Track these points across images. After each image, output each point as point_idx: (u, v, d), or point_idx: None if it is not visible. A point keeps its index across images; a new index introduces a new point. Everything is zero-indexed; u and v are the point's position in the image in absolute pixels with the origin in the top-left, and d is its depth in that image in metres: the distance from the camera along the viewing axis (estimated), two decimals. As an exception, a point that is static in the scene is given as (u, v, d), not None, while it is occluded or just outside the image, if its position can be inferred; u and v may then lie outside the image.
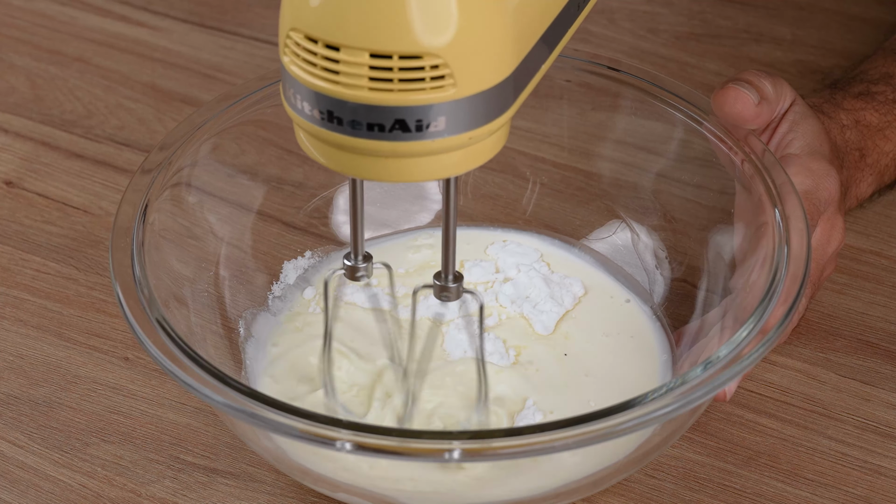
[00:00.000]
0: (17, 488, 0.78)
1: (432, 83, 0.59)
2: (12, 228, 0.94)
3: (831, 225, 0.82)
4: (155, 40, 1.11)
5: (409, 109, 0.60)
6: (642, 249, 0.86)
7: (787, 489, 0.77)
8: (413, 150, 0.61)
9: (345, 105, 0.60)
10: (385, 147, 0.61)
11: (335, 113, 0.60)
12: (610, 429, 0.65)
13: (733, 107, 0.80)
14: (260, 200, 0.87)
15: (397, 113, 0.60)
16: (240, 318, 0.82)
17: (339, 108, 0.60)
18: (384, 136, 0.60)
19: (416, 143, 0.61)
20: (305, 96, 0.61)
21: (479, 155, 0.63)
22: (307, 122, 0.62)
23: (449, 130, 0.61)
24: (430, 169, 0.62)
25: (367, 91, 0.59)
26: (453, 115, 0.60)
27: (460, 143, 0.61)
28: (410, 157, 0.61)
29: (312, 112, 0.61)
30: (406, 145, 0.61)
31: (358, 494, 0.73)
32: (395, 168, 0.62)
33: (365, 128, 0.60)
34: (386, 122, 0.60)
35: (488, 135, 0.63)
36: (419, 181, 0.64)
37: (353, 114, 0.60)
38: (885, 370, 0.84)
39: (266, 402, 0.66)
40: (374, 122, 0.60)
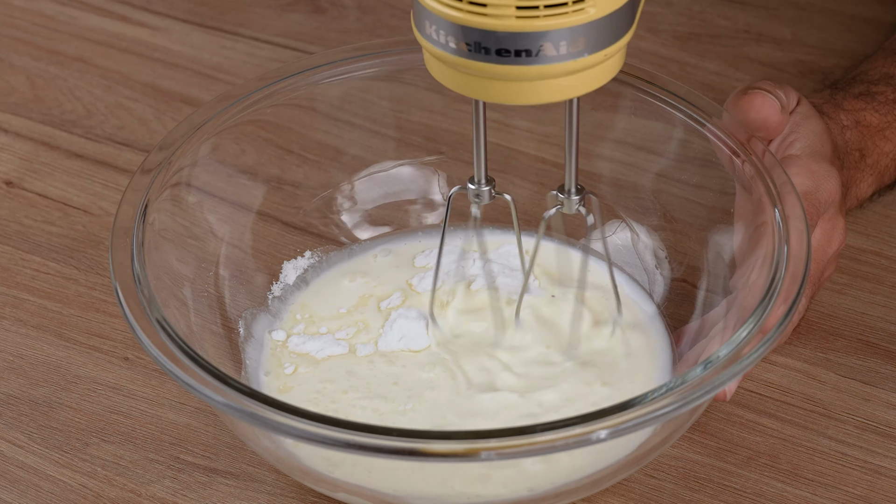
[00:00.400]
0: (17, 488, 0.78)
1: (574, 6, 0.64)
2: (12, 228, 0.94)
3: (832, 226, 0.82)
4: (155, 40, 1.11)
5: (554, 33, 0.65)
6: (642, 249, 0.86)
7: (787, 489, 0.77)
8: (556, 71, 0.66)
9: (492, 35, 0.65)
10: (531, 71, 0.66)
11: (483, 43, 0.65)
12: (610, 429, 0.65)
13: (760, 112, 0.80)
14: (260, 200, 0.87)
15: (544, 38, 0.65)
16: (240, 318, 0.82)
17: (487, 38, 0.65)
18: (531, 60, 0.65)
19: (561, 64, 0.66)
20: (450, 30, 0.65)
21: (609, 71, 0.68)
22: (452, 56, 0.66)
23: (589, 49, 0.66)
24: (571, 86, 0.67)
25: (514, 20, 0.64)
26: (592, 35, 0.66)
27: (597, 60, 0.67)
28: (552, 78, 0.66)
29: (458, 45, 0.65)
30: (551, 67, 0.66)
31: (358, 494, 0.73)
32: (537, 90, 0.67)
33: (513, 55, 0.65)
34: (533, 47, 0.65)
35: (616, 52, 0.68)
36: (562, 99, 0.68)
37: (499, 42, 0.65)
38: (885, 370, 0.84)
39: (266, 401, 0.66)
40: (522, 48, 0.65)
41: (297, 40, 1.11)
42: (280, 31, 1.11)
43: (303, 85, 0.85)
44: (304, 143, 0.89)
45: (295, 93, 0.85)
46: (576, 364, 0.80)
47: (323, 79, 0.85)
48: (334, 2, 1.15)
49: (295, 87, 0.85)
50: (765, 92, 0.81)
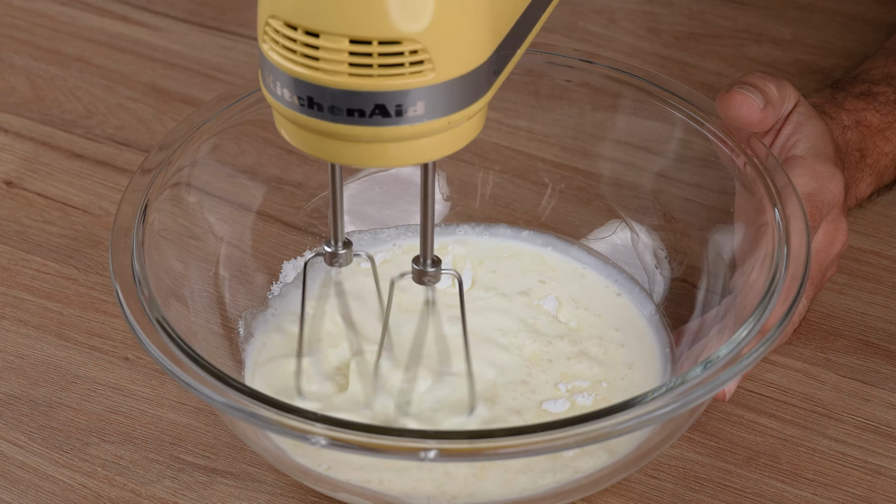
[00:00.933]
0: (17, 488, 0.78)
1: (412, 68, 0.60)
2: (12, 228, 0.94)
3: (835, 227, 0.82)
4: (155, 40, 1.11)
5: (389, 94, 0.61)
6: (642, 249, 0.86)
7: (787, 489, 0.77)
8: (393, 134, 0.62)
9: (325, 91, 0.61)
10: (366, 132, 0.62)
11: (315, 99, 0.61)
12: (609, 428, 0.65)
13: (738, 111, 0.80)
14: (260, 200, 0.87)
15: (378, 98, 0.61)
16: (239, 317, 0.82)
17: (320, 94, 0.61)
18: (365, 121, 0.61)
19: (397, 127, 0.61)
20: (285, 83, 0.62)
21: (458, 139, 0.64)
22: (287, 109, 0.62)
23: (428, 115, 0.62)
24: (410, 153, 0.63)
25: (348, 77, 0.60)
26: (433, 100, 0.61)
27: (440, 127, 0.62)
28: (391, 141, 0.62)
29: (292, 98, 0.62)
30: (386, 130, 0.62)
31: (358, 494, 0.73)
32: (375, 153, 0.63)
33: (345, 113, 0.61)
34: (366, 107, 0.61)
35: (467, 119, 0.63)
36: (398, 166, 0.66)
37: (333, 99, 0.61)
38: (885, 370, 0.84)
39: (266, 401, 0.66)
40: (355, 107, 0.61)
41: (297, 40, 1.10)
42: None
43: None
44: (304, 143, 0.89)
45: (295, 93, 0.85)
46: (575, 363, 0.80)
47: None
48: (334, 2, 1.14)
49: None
50: (745, 91, 0.81)
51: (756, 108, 0.80)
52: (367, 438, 0.65)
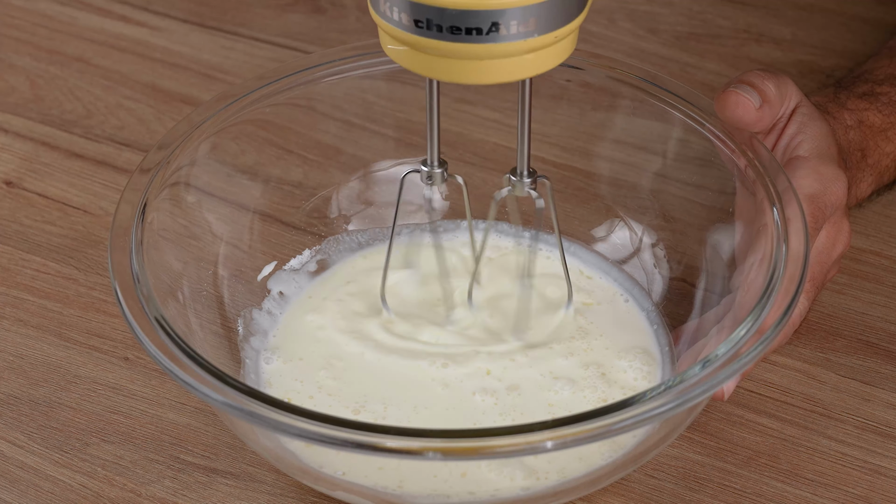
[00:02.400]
0: (17, 488, 0.78)
1: None
2: (12, 228, 0.94)
3: (837, 229, 0.82)
4: (155, 40, 1.11)
5: (504, 12, 0.65)
6: (641, 249, 0.86)
7: (787, 489, 0.77)
8: (506, 51, 0.66)
9: (444, 12, 0.65)
10: (482, 50, 0.66)
11: (434, 20, 0.65)
12: (608, 427, 0.65)
13: (734, 112, 0.80)
14: (259, 200, 0.87)
15: (494, 16, 0.65)
16: (238, 317, 0.82)
17: (438, 15, 0.65)
18: (482, 38, 0.65)
19: (510, 44, 0.66)
20: (403, 6, 0.65)
21: (558, 54, 0.69)
22: (404, 32, 0.66)
23: (539, 30, 0.66)
24: (518, 69, 0.68)
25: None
26: (543, 15, 0.66)
27: (548, 41, 0.67)
28: (503, 57, 0.67)
29: (410, 22, 0.66)
30: (500, 46, 0.66)
31: (357, 493, 0.73)
32: (486, 69, 0.67)
33: (463, 32, 0.65)
34: (483, 25, 0.65)
35: (569, 34, 0.68)
36: (506, 81, 0.68)
37: (451, 20, 0.65)
38: (885, 370, 0.84)
39: (265, 401, 0.66)
40: (473, 26, 0.65)
41: (297, 40, 1.11)
42: (280, 31, 1.11)
43: (302, 84, 0.85)
44: (304, 143, 0.89)
45: (294, 92, 0.85)
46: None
47: (322, 78, 0.85)
48: (334, 2, 1.15)
49: (294, 87, 0.85)
50: (740, 90, 0.81)
51: (751, 107, 0.80)
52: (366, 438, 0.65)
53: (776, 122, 0.84)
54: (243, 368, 0.80)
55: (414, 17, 0.65)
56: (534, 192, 0.77)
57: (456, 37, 0.65)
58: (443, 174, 0.78)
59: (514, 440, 0.65)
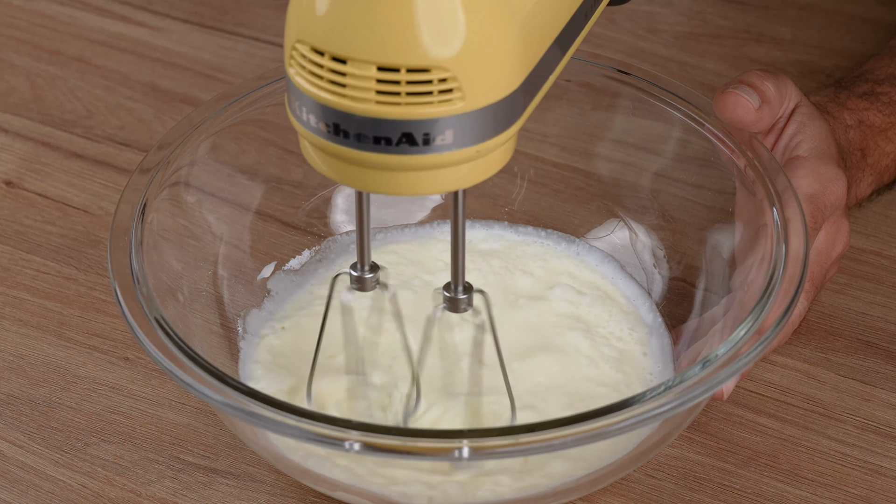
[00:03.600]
0: (17, 488, 0.78)
1: (440, 96, 0.59)
2: (12, 228, 0.94)
3: (836, 228, 0.82)
4: (155, 40, 1.11)
5: (416, 123, 0.60)
6: (641, 249, 0.86)
7: (787, 489, 0.77)
8: (420, 163, 0.61)
9: (351, 118, 0.60)
10: (392, 161, 0.61)
11: (342, 126, 0.60)
12: (608, 427, 0.65)
13: (733, 112, 0.80)
14: (259, 200, 0.87)
15: (404, 126, 0.60)
16: (238, 317, 0.82)
17: (346, 121, 0.60)
18: (391, 149, 0.60)
19: (424, 156, 0.61)
20: (311, 108, 0.61)
21: (488, 167, 0.63)
22: (313, 135, 0.62)
23: (457, 143, 0.61)
24: (438, 182, 0.62)
25: (374, 104, 0.59)
26: (461, 128, 0.60)
27: (468, 156, 0.61)
28: (418, 170, 0.61)
29: (318, 125, 0.61)
30: (413, 159, 0.61)
31: (357, 493, 0.73)
32: (402, 181, 0.62)
33: (371, 141, 0.60)
34: (393, 135, 0.60)
35: (496, 147, 0.62)
36: (427, 194, 0.64)
37: (359, 127, 0.60)
38: (885, 370, 0.84)
39: (265, 401, 0.66)
40: (381, 135, 0.60)
41: (297, 40, 1.10)
42: (280, 31, 1.11)
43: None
44: (304, 143, 0.89)
45: (294, 92, 0.85)
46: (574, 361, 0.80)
47: (322, 78, 0.85)
48: (334, 2, 1.14)
49: (294, 87, 0.85)
50: (739, 90, 0.81)
51: (750, 108, 0.80)
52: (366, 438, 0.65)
53: (776, 122, 0.84)
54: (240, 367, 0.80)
55: (324, 122, 0.61)
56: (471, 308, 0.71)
57: (363, 145, 0.60)
58: (374, 280, 0.72)
59: (512, 441, 0.65)
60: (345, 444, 0.65)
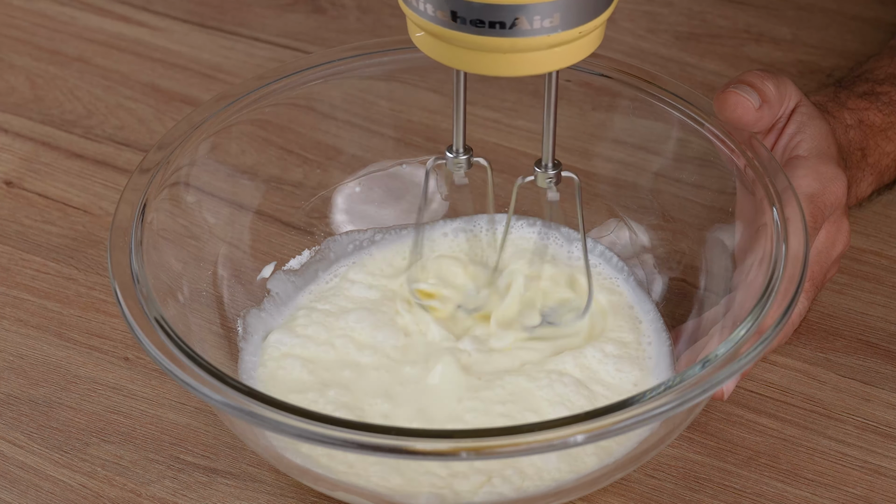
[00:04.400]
0: (17, 488, 0.78)
1: None
2: (12, 228, 0.94)
3: (836, 228, 0.82)
4: (155, 40, 1.11)
5: (528, 7, 0.65)
6: (641, 249, 0.86)
7: (787, 489, 0.77)
8: (531, 45, 0.67)
9: (469, 5, 0.65)
10: (506, 43, 0.67)
11: (459, 13, 0.66)
12: (608, 427, 0.65)
13: (733, 112, 0.80)
14: (259, 200, 0.87)
15: (518, 11, 0.65)
16: (238, 317, 0.82)
17: (464, 7, 0.66)
18: (505, 32, 0.66)
19: (534, 38, 0.66)
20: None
21: (584, 49, 0.69)
22: (430, 23, 0.67)
23: (563, 25, 0.67)
24: (544, 62, 0.68)
25: None
26: (567, 11, 0.66)
27: (572, 36, 0.67)
28: (528, 51, 0.67)
29: (436, 13, 0.66)
30: (525, 41, 0.67)
31: (357, 493, 0.73)
32: (512, 62, 0.68)
33: (487, 25, 0.66)
34: (507, 19, 0.66)
35: (594, 29, 0.68)
36: (532, 74, 0.69)
37: (476, 13, 0.65)
38: (885, 370, 0.84)
39: (265, 400, 0.66)
40: (496, 19, 0.66)
41: (297, 40, 1.11)
42: (280, 31, 1.11)
43: (302, 84, 0.85)
44: (304, 143, 0.89)
45: (294, 92, 0.85)
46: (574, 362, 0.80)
47: (322, 78, 0.85)
48: (334, 2, 1.15)
49: (294, 87, 0.85)
50: (740, 90, 0.81)
51: (751, 108, 0.80)
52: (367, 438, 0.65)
53: (776, 121, 0.84)
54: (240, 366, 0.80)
55: (439, 9, 0.66)
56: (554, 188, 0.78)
57: (480, 30, 0.66)
58: (469, 160, 0.79)
59: (512, 441, 0.65)
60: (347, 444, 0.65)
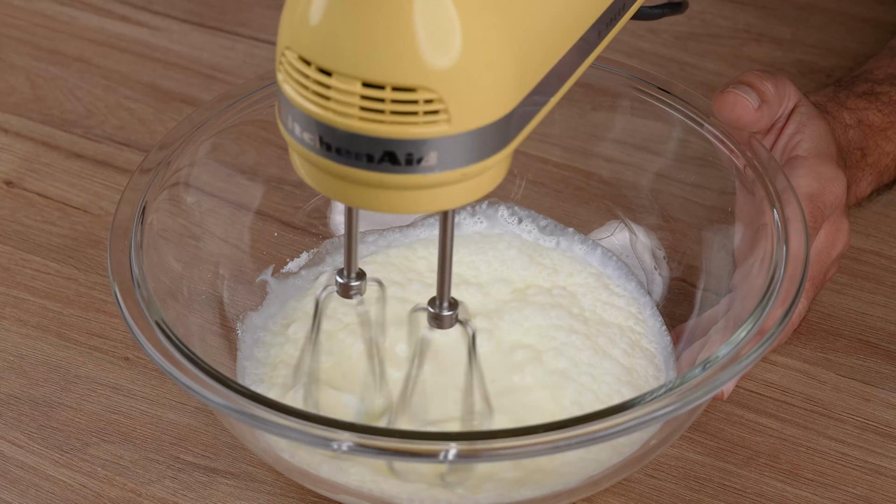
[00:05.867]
0: (17, 488, 0.78)
1: (425, 117, 0.57)
2: (12, 228, 0.94)
3: (836, 228, 0.82)
4: (155, 40, 1.11)
5: (399, 142, 0.58)
6: (641, 249, 0.86)
7: (787, 489, 0.77)
8: (403, 183, 0.59)
9: (335, 132, 0.59)
10: (373, 178, 0.59)
11: (325, 138, 0.59)
12: (609, 429, 0.65)
13: (732, 112, 0.80)
14: (259, 200, 0.87)
15: (387, 145, 0.58)
16: (238, 318, 0.82)
17: (329, 134, 0.59)
18: (374, 166, 0.59)
19: (407, 176, 0.59)
20: (297, 117, 0.60)
21: (476, 189, 0.61)
22: (298, 145, 0.60)
23: (441, 166, 0.59)
24: (423, 202, 0.60)
25: (358, 120, 0.58)
26: (446, 151, 0.58)
27: (453, 178, 0.59)
28: (401, 189, 0.60)
29: (303, 135, 0.60)
30: (396, 178, 0.59)
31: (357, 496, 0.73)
32: (386, 199, 0.60)
33: (354, 157, 0.59)
34: (375, 152, 0.58)
35: (484, 171, 0.60)
36: (410, 213, 0.62)
37: (342, 141, 0.59)
38: (885, 370, 0.84)
39: (265, 403, 0.66)
40: (364, 151, 0.58)
41: (297, 40, 1.10)
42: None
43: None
44: (304, 143, 0.89)
45: (294, 93, 0.85)
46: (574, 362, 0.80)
47: (322, 79, 0.85)
48: (334, 2, 1.14)
49: (294, 87, 0.84)
50: (739, 90, 0.81)
51: (750, 108, 0.80)
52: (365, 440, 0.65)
53: (775, 121, 0.84)
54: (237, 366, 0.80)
55: (307, 133, 0.59)
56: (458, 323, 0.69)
57: (346, 160, 0.59)
58: (361, 285, 0.71)
59: (513, 443, 0.65)
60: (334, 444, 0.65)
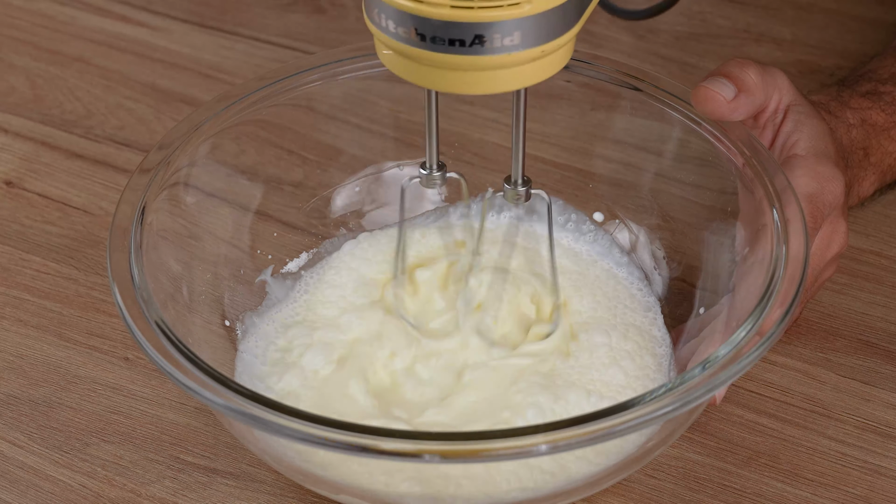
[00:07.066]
0: (17, 488, 0.78)
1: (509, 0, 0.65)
2: (12, 228, 0.94)
3: (833, 229, 0.82)
4: (155, 40, 1.11)
5: (488, 25, 0.65)
6: (641, 249, 0.86)
7: (787, 489, 0.77)
8: (491, 63, 0.67)
9: (428, 22, 0.66)
10: (465, 61, 0.66)
11: (419, 30, 0.66)
12: (608, 429, 0.65)
13: (704, 106, 0.81)
14: (259, 200, 0.87)
15: (477, 29, 0.65)
16: (238, 318, 0.82)
17: (423, 25, 0.66)
18: (465, 50, 0.66)
19: (494, 56, 0.66)
20: (390, 15, 0.67)
21: (550, 67, 0.69)
22: (392, 40, 0.67)
23: (524, 44, 0.66)
24: (506, 80, 0.68)
25: (450, 9, 0.65)
26: (528, 30, 0.66)
27: (534, 55, 0.67)
28: (489, 69, 0.67)
29: (397, 29, 0.67)
30: (485, 59, 0.66)
31: (358, 496, 0.73)
32: (473, 80, 0.68)
33: (447, 43, 0.66)
34: (466, 37, 0.66)
35: (558, 48, 0.68)
36: (494, 92, 0.69)
37: (435, 30, 0.66)
38: (885, 370, 0.84)
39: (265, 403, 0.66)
40: (456, 37, 0.66)
41: (297, 40, 1.11)
42: (280, 31, 1.11)
43: (302, 85, 0.85)
44: (304, 143, 0.89)
45: (294, 93, 0.85)
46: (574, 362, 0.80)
47: (322, 79, 0.85)
48: (334, 2, 1.15)
49: (294, 87, 0.85)
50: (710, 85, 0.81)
51: (722, 101, 0.81)
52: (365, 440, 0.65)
53: (769, 116, 0.84)
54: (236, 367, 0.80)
55: (401, 27, 0.66)
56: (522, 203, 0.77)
57: (440, 47, 0.66)
58: (442, 176, 0.79)
59: (514, 443, 0.65)
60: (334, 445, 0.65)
